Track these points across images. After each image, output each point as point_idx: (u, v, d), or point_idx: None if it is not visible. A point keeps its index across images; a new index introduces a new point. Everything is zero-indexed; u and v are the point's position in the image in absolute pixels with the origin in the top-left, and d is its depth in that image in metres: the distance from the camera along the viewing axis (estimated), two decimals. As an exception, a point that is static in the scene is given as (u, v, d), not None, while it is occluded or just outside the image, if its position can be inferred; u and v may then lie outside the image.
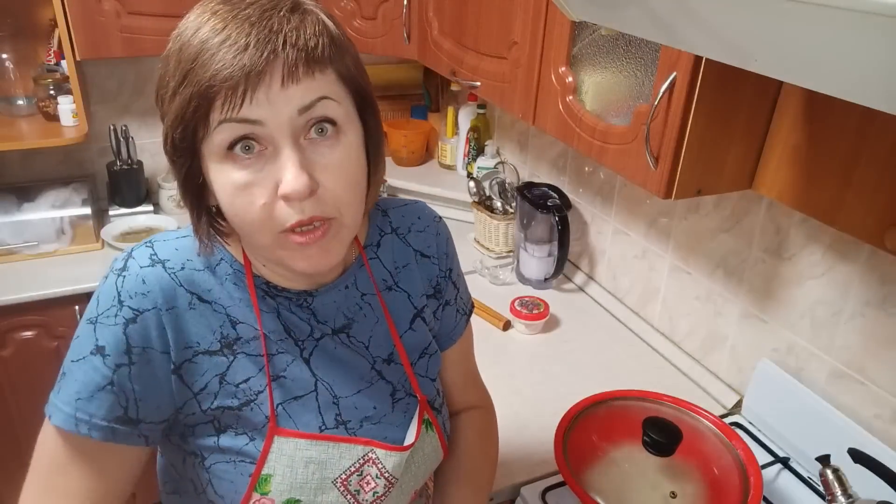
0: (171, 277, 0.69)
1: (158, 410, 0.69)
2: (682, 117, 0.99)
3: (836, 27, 0.50)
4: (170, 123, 0.61)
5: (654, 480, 1.02)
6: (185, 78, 0.58)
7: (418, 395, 0.83)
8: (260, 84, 0.57)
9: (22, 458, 0.72)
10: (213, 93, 0.57)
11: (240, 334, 0.72)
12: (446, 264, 0.88)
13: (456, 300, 0.91)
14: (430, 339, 0.86)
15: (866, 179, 0.91)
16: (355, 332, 0.79)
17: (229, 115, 0.58)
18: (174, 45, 0.61)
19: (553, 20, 1.27)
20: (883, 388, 1.11)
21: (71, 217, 1.95)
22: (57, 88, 1.95)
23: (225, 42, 0.57)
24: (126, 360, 0.66)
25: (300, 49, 0.59)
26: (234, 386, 0.71)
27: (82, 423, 0.65)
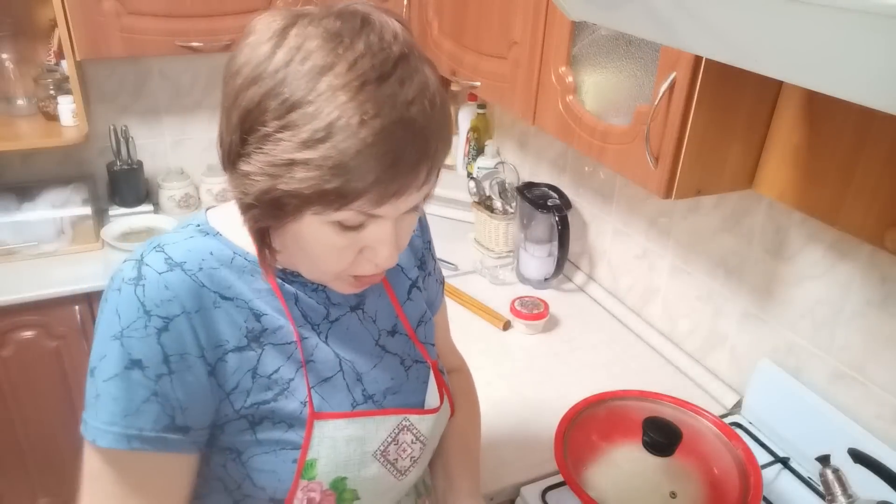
0: (193, 279, 0.68)
1: (205, 415, 0.69)
2: (682, 117, 0.99)
3: (837, 27, 0.50)
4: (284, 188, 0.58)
5: (654, 480, 1.02)
6: (334, 169, 0.56)
7: (428, 361, 0.87)
8: (403, 195, 0.60)
9: (22, 458, 0.72)
10: (360, 196, 0.58)
11: (265, 326, 0.72)
12: (427, 236, 0.94)
13: (434, 270, 0.97)
14: (425, 308, 0.91)
15: (866, 179, 0.91)
16: (367, 307, 0.82)
17: (364, 210, 0.60)
18: (300, 96, 0.56)
19: (553, 20, 1.27)
20: (883, 388, 1.11)
21: (71, 217, 1.95)
22: (57, 88, 1.95)
23: (387, 154, 0.57)
24: (166, 369, 0.65)
25: (438, 161, 0.61)
26: (266, 378, 0.71)
27: (133, 438, 0.63)
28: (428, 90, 0.59)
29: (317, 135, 0.55)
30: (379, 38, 0.58)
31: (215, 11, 1.86)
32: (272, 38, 0.59)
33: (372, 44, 0.57)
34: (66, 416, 1.93)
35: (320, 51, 0.57)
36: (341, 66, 0.56)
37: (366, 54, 0.57)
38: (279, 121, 0.56)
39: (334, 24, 0.59)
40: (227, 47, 1.90)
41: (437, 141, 0.60)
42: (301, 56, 0.57)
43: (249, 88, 0.58)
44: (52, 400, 1.90)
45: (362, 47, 0.57)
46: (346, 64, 0.56)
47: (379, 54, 0.57)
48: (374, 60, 0.57)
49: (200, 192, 2.28)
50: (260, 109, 0.58)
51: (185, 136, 2.28)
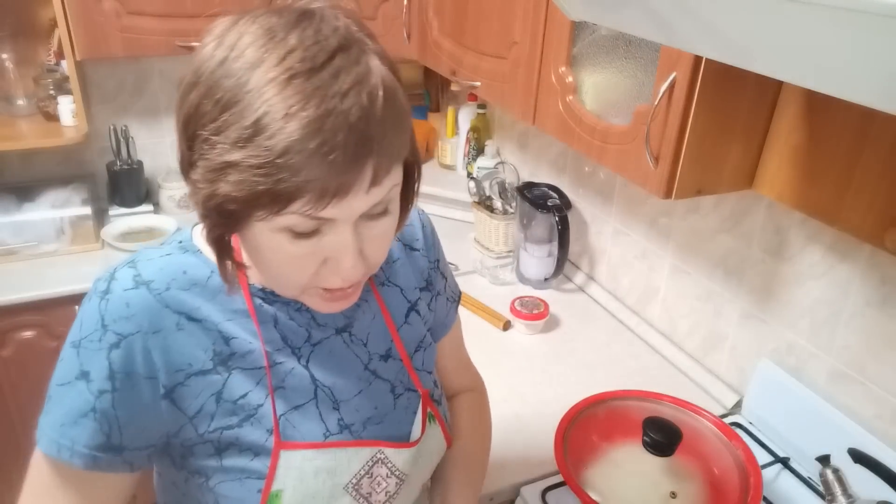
0: (156, 299, 0.66)
1: (143, 436, 0.67)
2: (682, 117, 0.99)
3: (836, 27, 0.50)
4: (222, 193, 0.55)
5: (654, 480, 1.02)
6: (262, 168, 0.52)
7: (419, 390, 0.82)
8: (349, 192, 0.55)
9: (22, 458, 0.72)
10: (295, 195, 0.54)
11: (234, 349, 0.69)
12: (434, 255, 0.89)
13: (445, 289, 0.92)
14: (424, 333, 0.86)
15: (866, 179, 0.91)
16: (356, 330, 0.78)
17: (308, 213, 0.55)
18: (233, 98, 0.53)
19: (553, 20, 1.27)
20: (883, 388, 1.11)
21: (71, 217, 1.95)
22: (57, 88, 1.95)
23: (321, 147, 0.52)
24: (109, 386, 0.64)
25: (389, 155, 0.57)
26: (231, 403, 0.69)
27: (65, 449, 0.64)
28: (368, 82, 0.54)
29: (244, 133, 0.52)
30: (315, 32, 0.55)
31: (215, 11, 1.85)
32: (214, 38, 0.57)
33: (306, 37, 0.54)
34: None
35: (252, 47, 0.54)
36: (271, 61, 0.53)
37: (297, 48, 0.53)
38: (214, 123, 0.54)
39: (270, 19, 0.56)
40: (227, 47, 1.89)
41: (381, 135, 0.55)
42: (234, 54, 0.54)
43: (190, 93, 0.57)
44: (52, 400, 1.90)
45: (294, 41, 0.54)
46: (275, 58, 0.53)
47: (312, 47, 0.53)
48: (306, 53, 0.53)
49: (200, 192, 2.28)
50: (199, 113, 0.56)
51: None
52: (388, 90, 0.56)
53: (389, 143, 0.56)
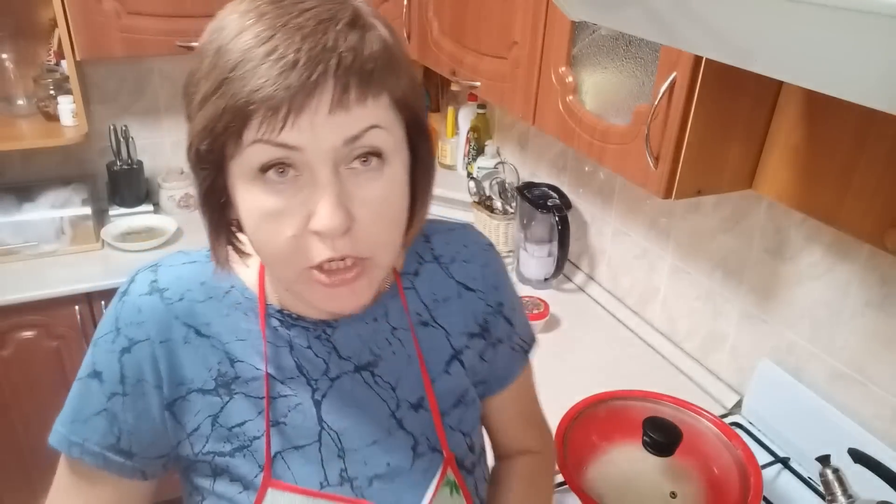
0: (167, 309, 0.64)
1: (153, 446, 0.65)
2: (682, 117, 0.99)
3: (836, 27, 0.50)
4: (196, 132, 0.54)
5: (654, 480, 1.02)
6: (220, 87, 0.51)
7: (444, 452, 0.71)
8: (305, 108, 0.50)
9: (22, 457, 0.72)
10: (250, 111, 0.50)
11: (238, 373, 0.65)
12: (495, 298, 0.76)
13: (510, 338, 0.79)
14: (467, 387, 0.75)
15: (866, 179, 0.91)
16: (382, 370, 0.69)
17: (266, 137, 0.51)
18: (211, 44, 0.54)
19: (553, 20, 1.27)
20: (883, 388, 1.11)
21: (71, 217, 1.95)
22: (57, 88, 1.95)
23: (270, 55, 0.49)
24: (120, 389, 0.63)
25: (355, 72, 0.51)
26: (226, 429, 0.65)
27: (75, 446, 0.63)
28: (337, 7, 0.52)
29: (208, 66, 0.53)
30: None
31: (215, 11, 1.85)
32: None
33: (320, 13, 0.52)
34: (66, 416, 1.93)
35: (231, 8, 0.55)
36: (242, 7, 0.53)
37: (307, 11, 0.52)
38: (195, 77, 0.54)
39: None
40: (227, 47, 1.89)
41: (347, 50, 0.51)
42: (222, 14, 0.55)
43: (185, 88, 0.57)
44: (52, 400, 1.89)
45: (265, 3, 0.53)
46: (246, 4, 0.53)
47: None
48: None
49: (200, 192, 2.28)
50: (188, 82, 0.56)
51: (185, 135, 2.28)
52: (360, 19, 0.53)
53: (360, 63, 0.51)
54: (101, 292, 1.83)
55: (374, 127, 0.54)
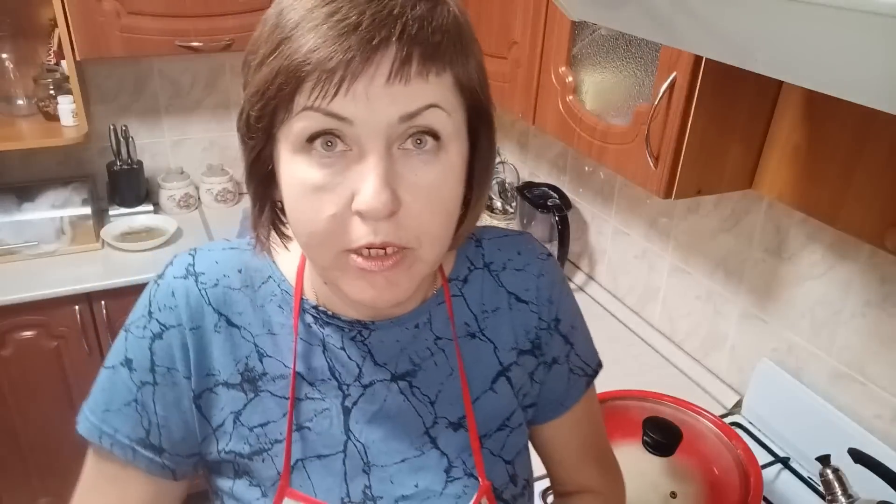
0: (201, 293, 0.61)
1: (183, 442, 0.61)
2: (682, 117, 0.99)
3: (836, 27, 0.50)
4: (249, 96, 0.52)
5: (654, 480, 1.02)
6: (278, 48, 0.48)
7: (481, 480, 0.64)
8: (361, 75, 0.47)
9: (22, 458, 0.71)
10: (303, 72, 0.47)
11: (266, 369, 0.62)
12: (550, 313, 0.69)
13: (568, 358, 0.72)
14: (514, 408, 0.68)
15: (866, 179, 0.90)
16: (421, 381, 0.64)
17: (317, 104, 0.48)
18: (274, 7, 0.51)
19: (553, 20, 1.27)
20: (883, 388, 1.11)
21: (71, 217, 1.95)
22: (57, 88, 1.95)
23: (332, 16, 0.47)
24: (150, 378, 0.60)
25: (419, 42, 0.48)
26: (247, 429, 0.61)
27: (106, 436, 0.60)
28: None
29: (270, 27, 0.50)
30: None
31: (215, 11, 1.86)
32: None
33: None
34: (67, 416, 1.93)
35: None
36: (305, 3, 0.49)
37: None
38: (254, 45, 0.52)
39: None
40: (227, 47, 1.90)
41: (413, 19, 0.48)
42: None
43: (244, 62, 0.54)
44: (52, 400, 1.90)
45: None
46: None
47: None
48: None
49: (200, 192, 2.28)
50: (250, 47, 0.53)
51: (185, 136, 2.28)
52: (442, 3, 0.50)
53: (427, 34, 0.48)
54: (101, 292, 1.83)
55: (433, 106, 0.50)
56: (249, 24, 1.88)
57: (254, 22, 1.87)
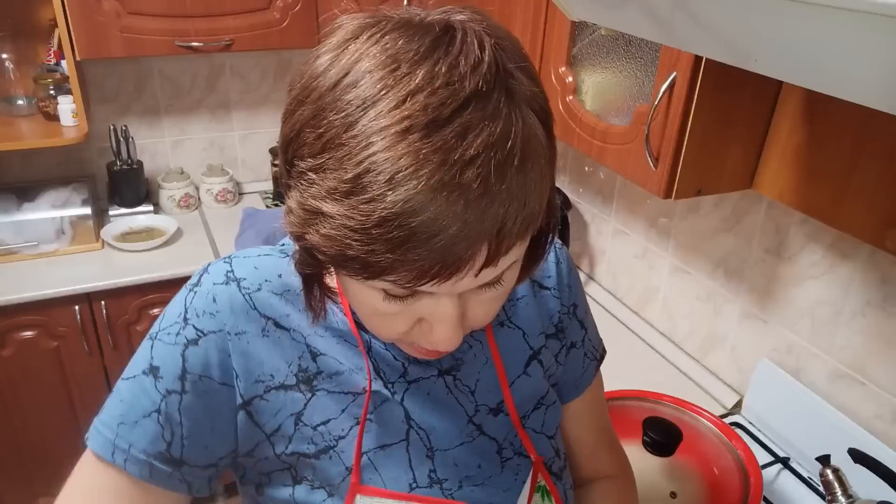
0: (245, 299, 0.60)
1: (207, 452, 0.59)
2: (682, 117, 0.99)
3: (836, 27, 0.50)
4: (310, 240, 0.47)
5: (654, 480, 1.02)
6: (357, 233, 0.43)
7: (532, 456, 0.68)
8: (451, 277, 0.44)
9: (22, 458, 0.70)
10: (389, 272, 0.44)
11: (321, 367, 0.61)
12: (569, 298, 0.73)
13: (583, 342, 0.76)
14: (547, 388, 0.71)
15: (867, 179, 0.90)
16: (463, 374, 0.66)
17: (402, 286, 0.46)
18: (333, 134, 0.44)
19: (553, 20, 1.27)
20: (883, 388, 1.11)
21: (71, 217, 1.95)
22: (57, 88, 1.95)
23: (425, 228, 0.42)
24: (179, 386, 0.57)
25: (511, 236, 0.45)
26: (311, 428, 0.61)
27: (119, 451, 0.56)
28: (503, 144, 0.42)
29: (342, 187, 0.43)
30: (450, 67, 0.43)
31: (215, 11, 1.86)
32: (331, 49, 0.46)
33: (437, 75, 0.42)
34: (66, 416, 1.93)
35: (369, 77, 0.43)
36: (387, 102, 0.42)
37: (422, 90, 0.42)
38: (313, 159, 0.45)
39: (398, 40, 0.44)
40: (227, 47, 1.90)
41: (505, 215, 0.43)
42: (349, 81, 0.44)
43: (296, 111, 0.47)
44: (52, 400, 1.90)
45: (420, 80, 0.42)
46: (394, 99, 0.42)
47: (441, 91, 0.42)
48: (432, 100, 0.41)
49: (200, 192, 2.28)
50: (299, 141, 0.46)
51: (185, 136, 2.28)
52: (528, 152, 0.44)
53: (514, 221, 0.44)
54: (101, 292, 1.83)
55: (514, 263, 0.49)
56: (249, 24, 1.88)
57: (254, 22, 1.88)
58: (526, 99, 0.45)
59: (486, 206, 0.42)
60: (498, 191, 0.42)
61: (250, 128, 2.32)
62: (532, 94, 0.46)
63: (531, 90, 0.46)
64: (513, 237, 0.45)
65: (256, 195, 2.39)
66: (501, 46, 0.46)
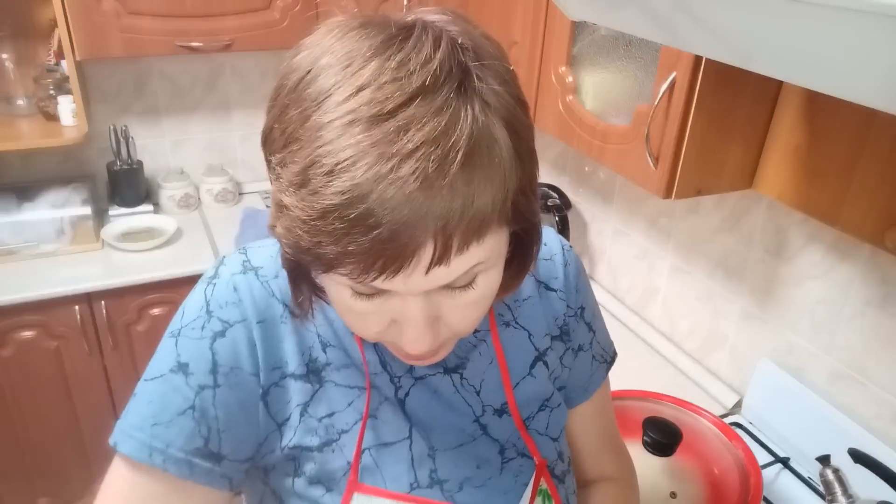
0: (264, 286, 0.60)
1: (244, 445, 0.59)
2: (682, 117, 0.99)
3: (836, 27, 0.50)
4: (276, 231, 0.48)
5: (654, 480, 1.02)
6: (306, 224, 0.44)
7: (535, 458, 0.68)
8: (398, 273, 0.44)
9: (22, 458, 0.70)
10: (337, 264, 0.45)
11: (330, 359, 0.61)
12: (577, 301, 0.73)
13: (591, 345, 0.76)
14: (552, 390, 0.71)
15: (867, 179, 0.90)
16: (469, 373, 0.66)
17: (354, 282, 0.46)
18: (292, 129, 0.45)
19: (553, 20, 1.27)
20: (883, 388, 1.11)
21: (71, 217, 1.95)
22: (57, 88, 1.95)
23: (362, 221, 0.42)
24: (211, 380, 0.57)
25: (461, 231, 0.44)
26: (315, 420, 0.60)
27: (157, 452, 0.55)
28: (447, 138, 0.42)
29: (294, 179, 0.44)
30: (399, 63, 0.43)
31: (215, 11, 1.86)
32: (306, 48, 0.47)
33: (385, 70, 0.43)
34: (66, 417, 1.93)
35: (327, 73, 0.44)
36: (337, 97, 0.43)
37: (370, 84, 0.42)
38: (280, 153, 0.46)
39: (358, 37, 0.45)
40: (227, 47, 1.90)
41: (449, 210, 0.42)
42: (311, 76, 0.45)
43: (270, 109, 0.49)
44: (52, 400, 1.90)
45: (368, 74, 0.43)
46: (343, 94, 0.43)
47: (388, 85, 0.42)
48: (377, 94, 0.42)
49: (200, 192, 2.28)
50: (271, 137, 0.48)
51: (185, 136, 2.28)
52: (476, 149, 0.43)
53: (460, 218, 0.43)
54: (101, 292, 1.83)
55: (475, 266, 0.48)
56: (249, 24, 1.88)
57: (254, 22, 1.88)
58: (486, 97, 0.45)
59: (426, 201, 0.42)
60: (439, 186, 0.42)
61: (250, 128, 2.32)
62: (495, 93, 0.45)
63: (494, 89, 0.45)
64: (460, 235, 0.44)
65: (256, 195, 2.39)
66: (464, 46, 0.46)
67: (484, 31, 0.49)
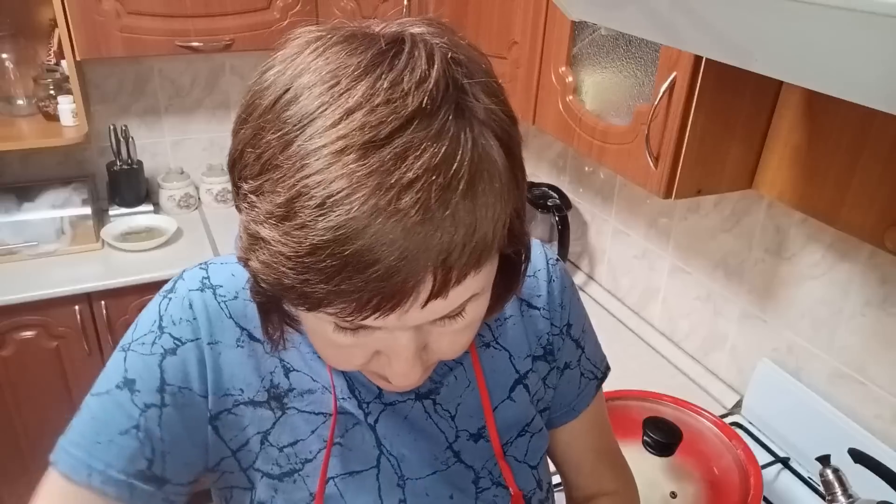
0: (221, 306, 0.57)
1: (188, 468, 0.56)
2: (682, 117, 0.99)
3: (837, 27, 0.50)
4: (251, 266, 0.44)
5: (654, 480, 1.02)
6: (291, 260, 0.40)
7: (511, 489, 0.64)
8: (394, 310, 0.41)
9: (22, 458, 0.69)
10: (326, 304, 0.41)
11: (293, 385, 0.58)
12: (562, 318, 0.68)
13: (579, 363, 0.71)
14: (533, 414, 0.67)
15: (866, 179, 0.90)
16: (443, 398, 0.62)
17: (342, 321, 0.43)
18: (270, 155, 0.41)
19: (553, 20, 1.27)
20: (883, 388, 1.11)
21: (71, 217, 1.95)
22: (57, 88, 1.94)
23: (358, 258, 0.39)
24: (158, 399, 0.54)
25: (462, 265, 0.41)
26: (277, 449, 0.58)
27: (96, 473, 0.52)
28: (447, 166, 0.39)
29: (276, 211, 0.40)
30: (391, 84, 0.39)
31: (215, 11, 1.86)
32: (279, 63, 0.43)
33: (378, 91, 0.39)
34: (66, 417, 1.92)
35: (309, 93, 0.40)
36: (324, 120, 0.39)
37: (361, 106, 0.39)
38: (254, 181, 0.42)
39: (341, 53, 0.41)
40: (227, 47, 1.90)
41: (450, 243, 0.40)
42: (289, 97, 0.41)
43: (239, 130, 0.45)
44: (51, 400, 1.90)
45: (360, 96, 0.39)
46: (330, 117, 0.39)
47: (381, 108, 0.39)
48: (370, 118, 0.38)
49: (200, 192, 2.28)
50: (242, 162, 0.44)
51: (185, 136, 2.28)
52: (477, 175, 0.40)
53: (462, 250, 0.40)
54: (101, 292, 1.83)
55: (471, 297, 0.45)
56: (249, 24, 1.88)
57: (254, 22, 1.88)
58: (481, 117, 0.42)
59: (428, 234, 0.39)
60: (441, 217, 0.39)
61: (250, 128, 2.32)
62: (489, 112, 0.43)
63: (488, 108, 0.43)
64: (461, 267, 0.41)
65: (256, 195, 2.39)
66: (457, 61, 0.43)
67: (470, 42, 0.47)
